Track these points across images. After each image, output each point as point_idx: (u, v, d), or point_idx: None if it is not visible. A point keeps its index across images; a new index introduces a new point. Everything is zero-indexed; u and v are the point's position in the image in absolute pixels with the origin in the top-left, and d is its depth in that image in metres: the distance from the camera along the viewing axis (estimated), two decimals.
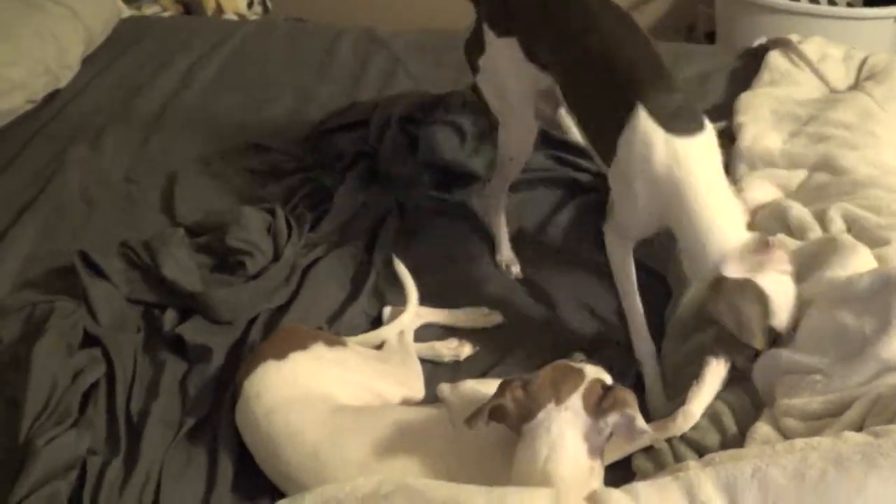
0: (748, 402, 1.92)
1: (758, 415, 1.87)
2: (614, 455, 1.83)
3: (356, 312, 2.32)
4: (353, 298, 2.35)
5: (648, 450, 1.87)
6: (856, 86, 2.86)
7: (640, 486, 1.57)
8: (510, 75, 2.20)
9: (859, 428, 1.68)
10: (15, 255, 2.59)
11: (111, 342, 2.17)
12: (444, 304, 2.32)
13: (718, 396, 1.91)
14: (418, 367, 2.11)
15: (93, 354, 2.15)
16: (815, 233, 2.19)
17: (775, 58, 2.99)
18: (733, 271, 1.87)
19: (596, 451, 1.67)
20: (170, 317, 2.28)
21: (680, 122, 1.91)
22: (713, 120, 2.04)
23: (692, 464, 1.70)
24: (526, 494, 1.56)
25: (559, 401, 1.67)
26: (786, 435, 1.78)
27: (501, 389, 1.71)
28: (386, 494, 1.58)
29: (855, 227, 2.19)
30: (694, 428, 1.87)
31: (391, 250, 2.43)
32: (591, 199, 2.63)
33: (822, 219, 2.22)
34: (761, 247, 1.89)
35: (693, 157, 1.90)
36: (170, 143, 3.07)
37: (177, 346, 2.24)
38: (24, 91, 3.22)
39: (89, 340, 2.20)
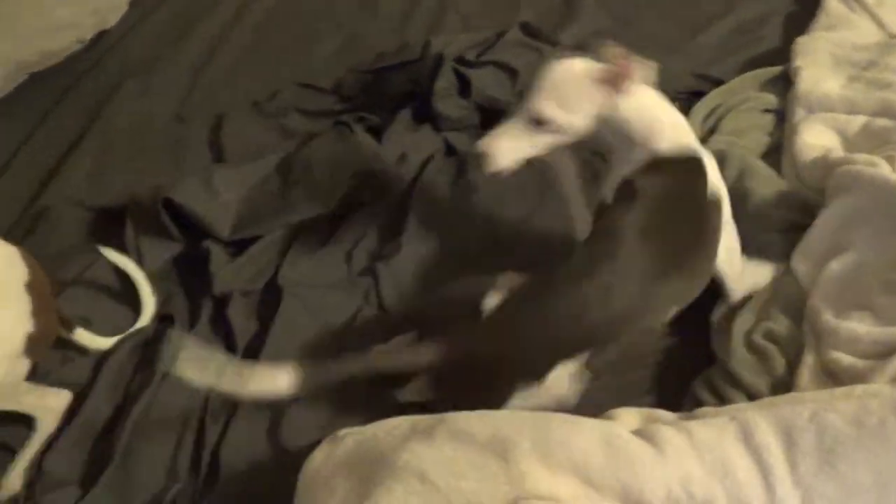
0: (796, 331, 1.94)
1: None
2: None
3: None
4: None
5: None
6: None
7: (695, 425, 1.55)
8: None
9: None
10: (66, 195, 2.61)
11: None
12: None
13: (766, 330, 1.94)
14: None
15: None
16: None
17: (832, 1, 2.92)
18: None
19: None
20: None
21: None
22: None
23: (747, 405, 1.68)
24: (574, 428, 1.54)
25: None
26: (833, 370, 1.75)
27: None
28: (426, 430, 1.57)
29: None
30: (744, 367, 1.89)
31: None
32: None
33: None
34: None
35: None
36: (219, 83, 3.07)
37: None
38: (74, 31, 3.22)
39: None
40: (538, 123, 1.91)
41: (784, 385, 1.89)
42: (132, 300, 2.31)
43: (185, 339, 2.14)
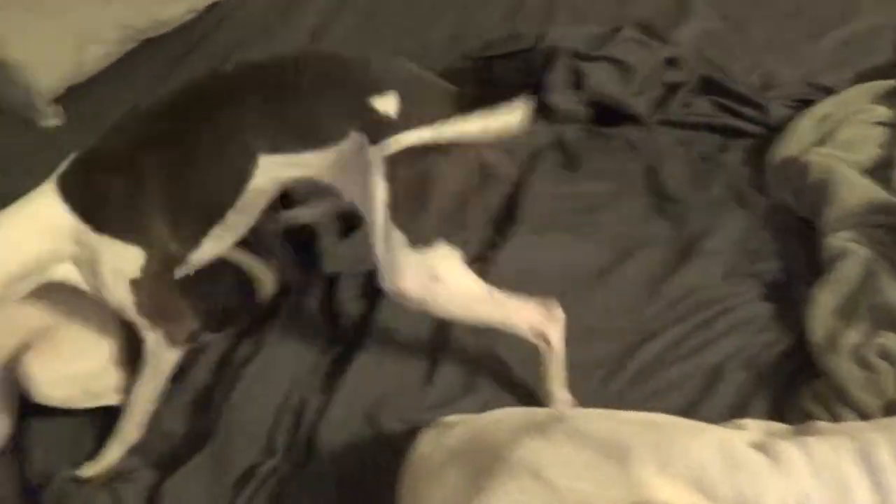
0: None
1: None
2: None
3: None
4: None
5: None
6: None
7: (812, 442, 1.53)
8: None
9: None
10: None
11: None
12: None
13: (879, 347, 1.91)
14: None
15: None
16: None
17: None
18: None
19: None
20: None
21: None
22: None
23: (866, 424, 1.66)
24: (693, 435, 1.53)
25: None
26: None
27: None
28: (541, 425, 1.56)
29: None
30: (854, 385, 1.87)
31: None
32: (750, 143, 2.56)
33: None
34: None
35: None
36: None
37: None
38: (186, 1, 3.24)
39: None
40: None
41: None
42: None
43: None
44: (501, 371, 2.04)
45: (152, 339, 1.96)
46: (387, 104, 1.81)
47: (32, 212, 1.88)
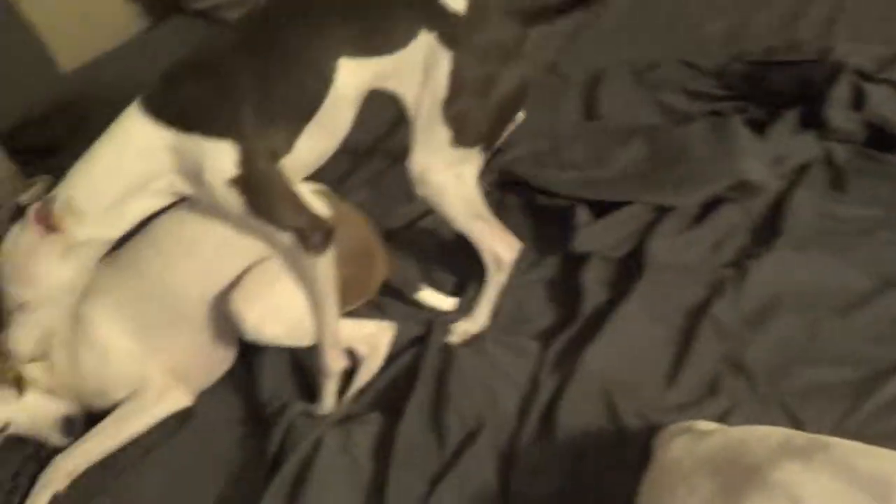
0: None
1: None
2: None
3: None
4: None
5: None
6: None
7: None
8: None
9: None
10: None
11: None
12: None
13: None
14: None
15: None
16: None
17: None
18: None
19: None
20: None
21: None
22: None
23: None
24: None
25: None
26: None
27: None
28: (802, 450, 1.52)
29: None
30: None
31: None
32: None
33: None
34: None
35: None
36: (601, 40, 3.05)
37: None
38: None
39: None
40: (25, 308, 1.95)
41: None
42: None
43: None
44: (745, 380, 2.00)
45: (286, 244, 1.96)
46: (456, 2, 1.90)
47: (121, 134, 1.91)
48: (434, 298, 2.26)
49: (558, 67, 2.95)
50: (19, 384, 2.04)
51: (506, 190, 2.50)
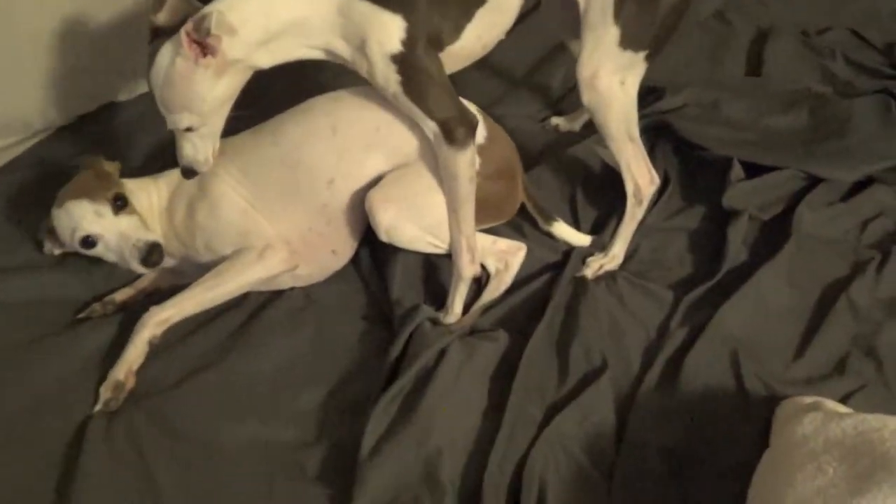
0: None
1: None
2: None
3: None
4: None
5: None
6: None
7: None
8: None
9: None
10: None
11: None
12: None
13: None
14: None
15: None
16: None
17: None
18: None
19: None
20: None
21: None
22: None
23: None
24: None
25: None
26: None
27: None
28: None
29: None
30: None
31: None
32: None
33: None
34: None
35: None
36: None
37: None
38: None
39: None
40: (189, 129, 1.93)
41: None
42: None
43: None
44: (874, 364, 2.00)
45: (433, 137, 1.96)
46: None
47: None
48: (567, 232, 2.27)
49: (725, 16, 2.88)
50: (115, 205, 2.07)
51: (658, 135, 2.48)
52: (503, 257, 2.17)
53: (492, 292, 2.14)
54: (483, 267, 2.17)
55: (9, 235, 2.31)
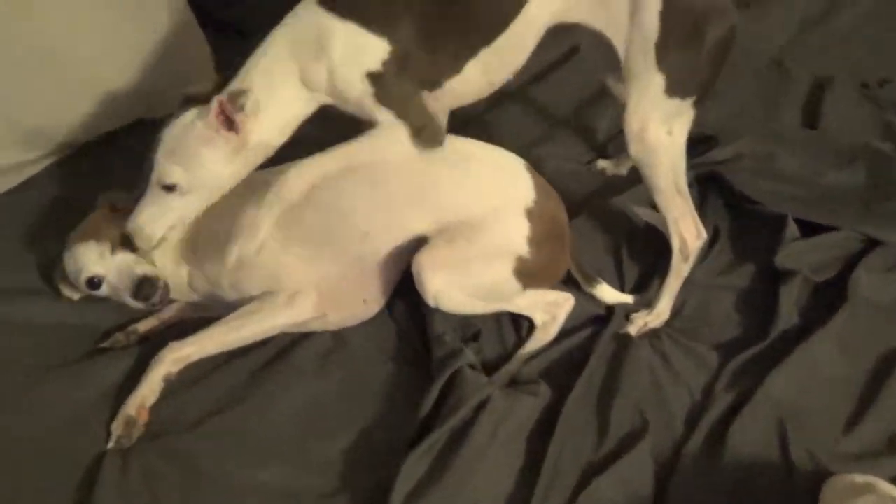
0: None
1: None
2: None
3: None
4: None
5: None
6: None
7: None
8: None
9: None
10: None
11: None
12: None
13: None
14: None
15: None
16: None
17: None
18: None
19: None
20: None
21: None
22: None
23: None
24: None
25: None
26: None
27: None
28: None
29: None
30: None
31: None
32: None
33: None
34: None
35: None
36: (830, 42, 2.93)
37: None
38: None
39: None
40: (170, 189, 1.87)
41: None
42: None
43: None
44: None
45: (388, 125, 1.90)
46: None
47: (296, 24, 1.90)
48: (610, 294, 2.17)
49: (783, 63, 2.79)
50: (113, 244, 2.02)
51: (709, 187, 2.39)
52: (550, 309, 2.10)
53: (536, 343, 2.07)
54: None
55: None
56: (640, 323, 2.09)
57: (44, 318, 2.14)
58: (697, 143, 2.38)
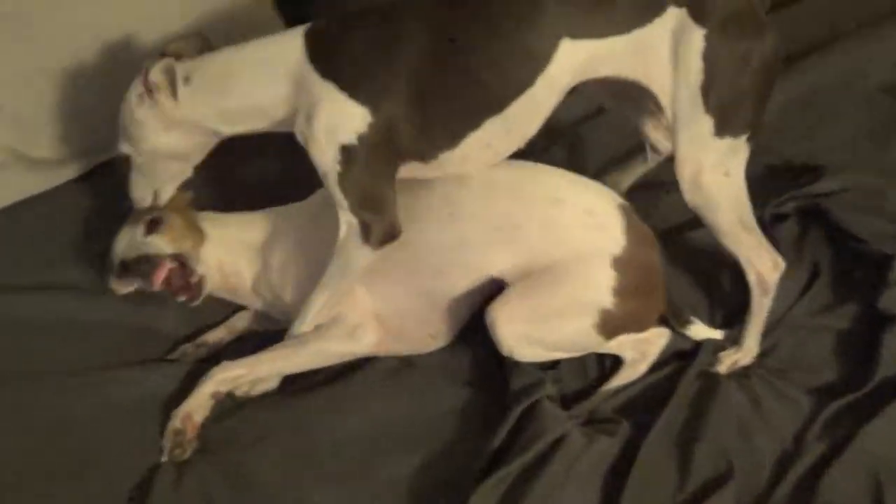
0: None
1: None
2: None
3: None
4: None
5: None
6: None
7: None
8: None
9: None
10: None
11: None
12: None
13: None
14: None
15: None
16: None
17: None
18: None
19: None
20: None
21: None
22: None
23: None
24: None
25: None
26: None
27: None
28: None
29: None
30: None
31: None
32: None
33: None
34: None
35: None
36: None
37: None
38: None
39: None
40: (135, 160, 1.91)
41: None
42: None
43: None
44: None
45: (346, 227, 1.82)
46: None
47: (268, 44, 1.86)
48: (704, 332, 2.05)
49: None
50: (149, 227, 1.99)
51: (810, 220, 2.24)
52: (641, 347, 1.98)
53: (621, 380, 1.96)
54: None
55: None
56: (730, 361, 1.97)
57: (94, 315, 2.13)
58: (800, 174, 2.28)
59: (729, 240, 1.88)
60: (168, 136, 1.88)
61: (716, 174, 1.80)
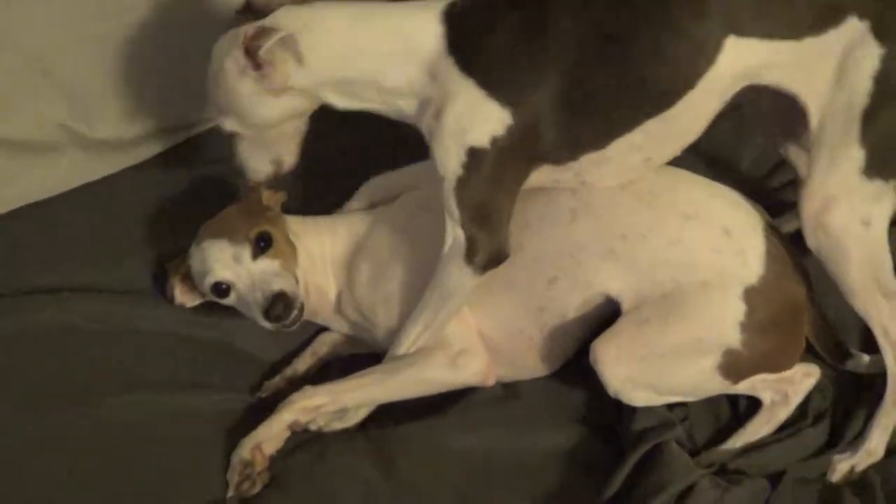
0: None
1: None
2: None
3: None
4: None
5: None
6: None
7: None
8: None
9: None
10: None
11: None
12: None
13: None
14: None
15: None
16: None
17: None
18: None
19: None
20: None
21: None
22: None
23: None
24: None
25: None
26: None
27: None
28: None
29: None
30: None
31: None
32: None
33: None
34: None
35: None
36: None
37: None
38: None
39: None
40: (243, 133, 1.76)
41: None
42: None
43: None
44: None
45: (451, 240, 1.67)
46: None
47: (400, 21, 1.66)
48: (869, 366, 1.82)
49: None
50: (258, 247, 1.80)
51: None
52: (782, 387, 1.75)
53: (759, 426, 1.75)
54: None
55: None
56: (846, 468, 1.72)
57: (151, 324, 1.97)
58: None
59: (859, 302, 1.67)
60: (278, 106, 1.70)
61: (851, 219, 1.61)
